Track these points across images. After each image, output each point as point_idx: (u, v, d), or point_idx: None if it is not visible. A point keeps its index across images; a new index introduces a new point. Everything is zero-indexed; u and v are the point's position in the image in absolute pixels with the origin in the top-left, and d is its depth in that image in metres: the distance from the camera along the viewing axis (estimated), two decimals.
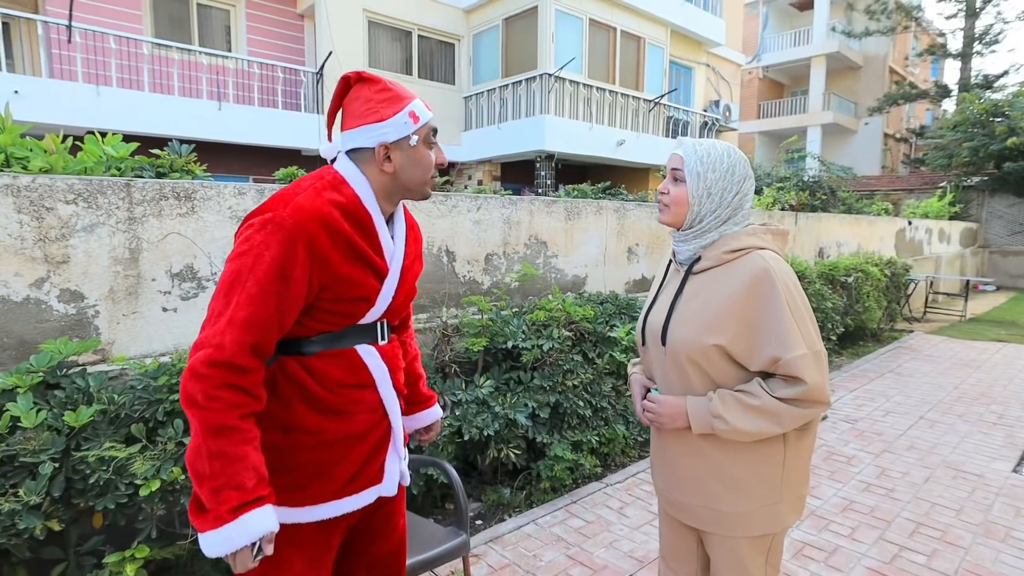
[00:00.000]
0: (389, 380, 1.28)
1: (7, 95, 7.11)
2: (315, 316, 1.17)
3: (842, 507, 2.96)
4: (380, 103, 1.19)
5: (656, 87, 12.16)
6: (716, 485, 1.33)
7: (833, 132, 22.49)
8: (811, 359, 1.21)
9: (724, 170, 1.32)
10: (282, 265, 1.07)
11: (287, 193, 1.14)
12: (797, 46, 22.28)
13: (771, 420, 1.23)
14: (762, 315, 1.23)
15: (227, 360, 1.04)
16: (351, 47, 9.86)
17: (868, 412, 4.49)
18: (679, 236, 1.39)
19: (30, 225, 2.17)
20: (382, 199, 1.23)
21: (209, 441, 1.02)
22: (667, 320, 1.35)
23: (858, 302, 6.57)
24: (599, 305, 3.87)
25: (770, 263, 1.26)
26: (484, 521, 2.83)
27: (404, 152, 1.21)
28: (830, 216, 7.84)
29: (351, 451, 1.24)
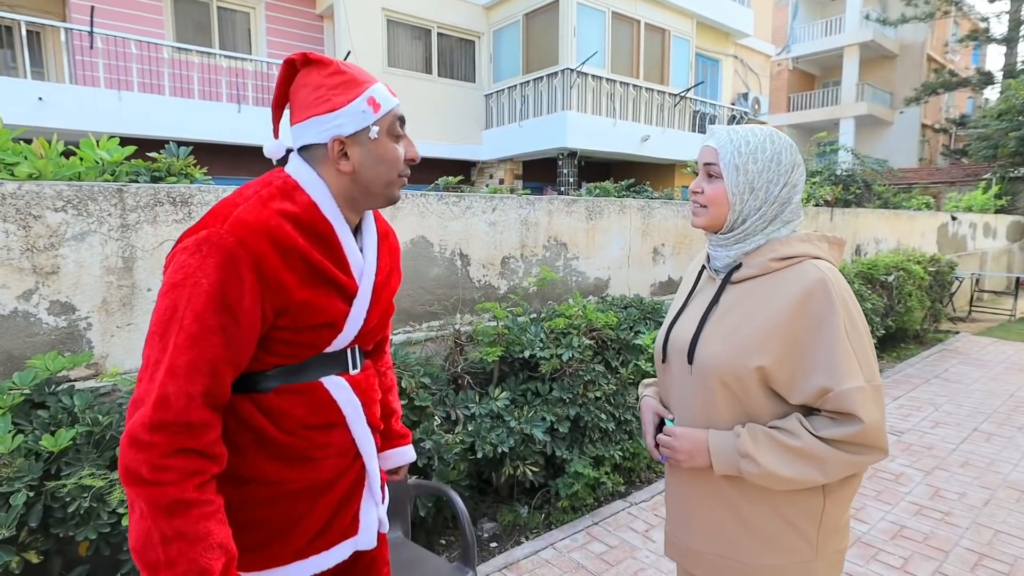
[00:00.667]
0: (363, 416, 1.10)
1: (32, 102, 7.19)
2: (270, 349, 0.97)
3: (892, 533, 2.70)
4: (332, 89, 0.98)
5: (682, 80, 11.82)
6: (739, 533, 1.12)
7: (867, 124, 21.71)
8: (869, 394, 1.00)
9: (768, 159, 1.10)
10: (223, 294, 0.88)
11: (226, 204, 0.94)
12: (829, 35, 21.56)
13: (814, 467, 1.02)
14: (814, 336, 1.02)
15: (174, 419, 0.85)
16: (370, 46, 9.77)
17: (915, 423, 4.18)
18: (717, 240, 1.17)
19: (16, 234, 2.06)
20: (344, 205, 1.03)
21: (161, 522, 0.83)
22: (696, 334, 1.14)
23: (899, 302, 6.20)
24: (623, 310, 3.66)
25: (827, 275, 1.05)
26: (499, 543, 2.65)
27: (364, 147, 1.00)
28: (868, 211, 7.46)
29: (318, 502, 1.05)
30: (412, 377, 2.57)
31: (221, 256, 0.88)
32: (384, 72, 9.99)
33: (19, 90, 7.13)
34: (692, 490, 1.19)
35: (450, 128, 10.93)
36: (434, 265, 3.17)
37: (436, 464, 2.43)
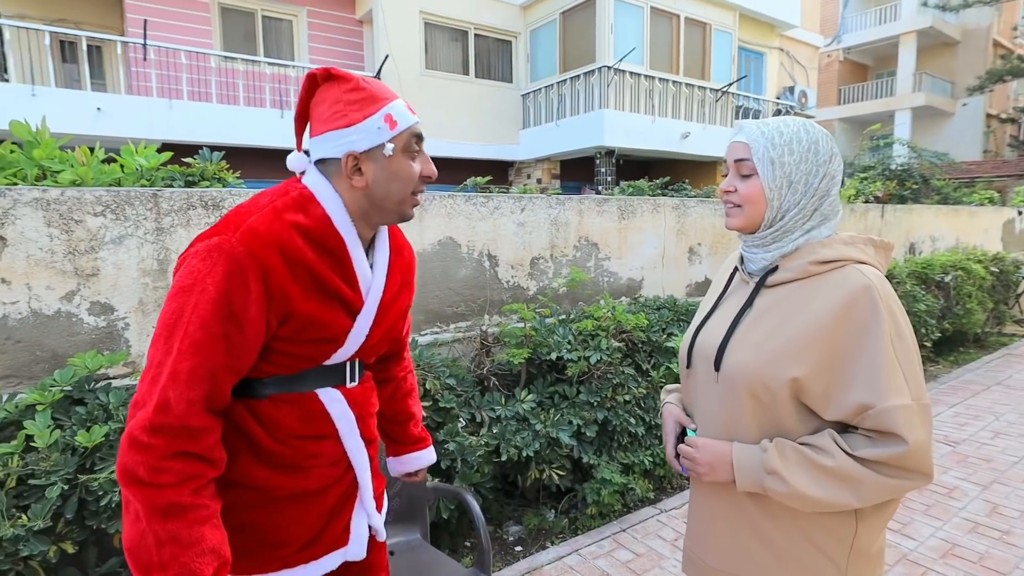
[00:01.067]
0: (356, 429, 1.09)
1: (91, 112, 7.59)
2: (268, 359, 0.97)
3: (942, 551, 2.54)
4: (349, 105, 0.98)
5: (724, 75, 11.51)
6: (761, 553, 1.05)
7: (925, 115, 20.66)
8: (917, 413, 0.92)
9: (804, 149, 1.02)
10: (229, 302, 0.88)
11: (240, 212, 0.95)
12: (883, 24, 20.62)
13: (849, 489, 0.94)
14: (856, 348, 0.94)
15: (174, 423, 0.86)
16: (408, 49, 9.90)
17: (972, 432, 3.92)
18: (753, 241, 1.09)
19: (60, 238, 2.16)
20: (358, 220, 1.02)
21: (156, 524, 0.84)
22: (725, 340, 1.07)
23: (957, 304, 5.86)
24: (655, 311, 3.57)
25: (874, 281, 0.96)
26: (524, 547, 2.62)
27: (378, 164, 0.99)
28: (923, 208, 7.08)
29: (307, 511, 1.05)
30: (437, 379, 2.57)
31: (230, 264, 0.88)
32: (422, 74, 10.10)
33: (80, 101, 7.54)
34: (713, 504, 1.12)
35: (487, 129, 10.96)
36: (462, 266, 3.17)
37: (459, 466, 2.42)
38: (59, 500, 1.72)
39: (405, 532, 1.87)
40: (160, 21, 8.65)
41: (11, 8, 9.04)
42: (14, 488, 1.73)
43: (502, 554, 2.56)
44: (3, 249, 2.08)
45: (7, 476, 1.73)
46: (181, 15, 8.89)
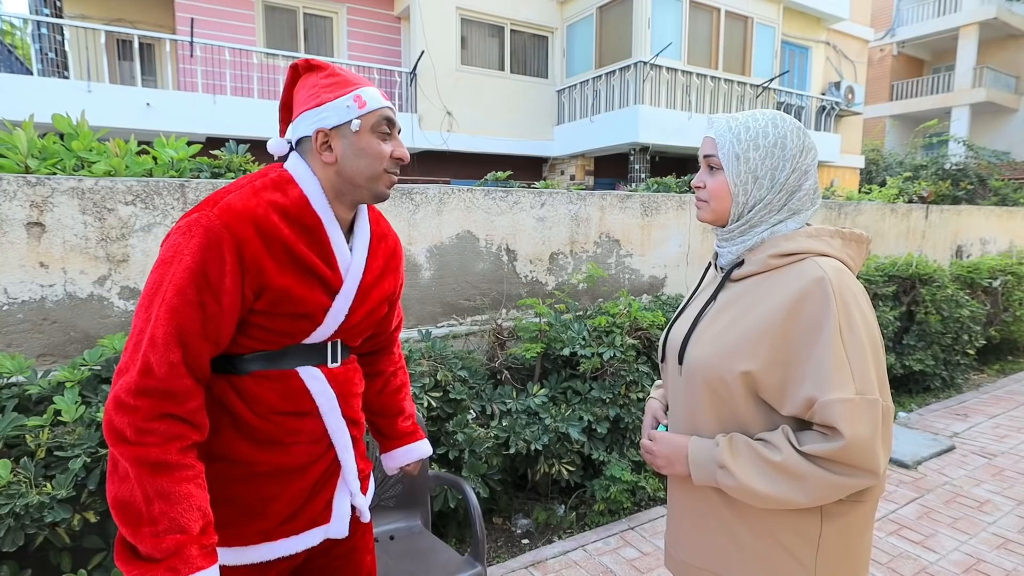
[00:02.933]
0: (337, 408, 1.12)
1: (141, 107, 7.93)
2: (247, 333, 1.02)
3: (966, 566, 2.43)
4: (323, 88, 1.05)
5: (765, 70, 11.19)
6: (730, 550, 1.04)
7: (985, 112, 19.61)
8: (859, 407, 0.89)
9: (770, 144, 1.02)
10: (204, 271, 0.93)
11: (221, 191, 1.01)
12: (942, 16, 19.64)
13: (793, 484, 0.93)
14: (806, 341, 0.93)
15: (157, 385, 0.90)
16: (445, 45, 9.98)
17: (1012, 445, 3.74)
18: (722, 235, 1.11)
19: (93, 225, 2.28)
20: (335, 200, 1.08)
21: (145, 481, 0.88)
22: (689, 334, 1.08)
23: (1006, 310, 5.57)
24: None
25: (828, 273, 0.95)
26: (532, 540, 2.63)
27: (346, 139, 1.04)
28: (973, 209, 6.74)
29: (288, 486, 1.09)
30: (449, 371, 2.60)
31: (206, 237, 0.93)
32: (457, 70, 10.17)
33: (131, 97, 7.88)
34: (685, 499, 1.12)
35: (522, 124, 10.96)
36: (480, 260, 3.19)
37: (467, 457, 2.44)
38: (83, 472, 1.83)
39: (406, 518, 1.91)
40: (207, 19, 8.95)
41: (74, 9, 9.52)
42: (43, 459, 1.84)
43: (508, 546, 2.58)
44: (42, 235, 2.21)
45: (37, 447, 1.84)
46: (227, 13, 9.19)
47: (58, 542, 1.85)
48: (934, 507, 2.92)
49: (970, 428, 4.03)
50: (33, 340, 2.23)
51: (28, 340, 2.22)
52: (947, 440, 3.77)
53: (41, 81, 7.50)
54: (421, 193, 2.99)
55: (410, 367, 2.46)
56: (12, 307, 2.18)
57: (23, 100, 7.17)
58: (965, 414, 4.32)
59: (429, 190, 3.02)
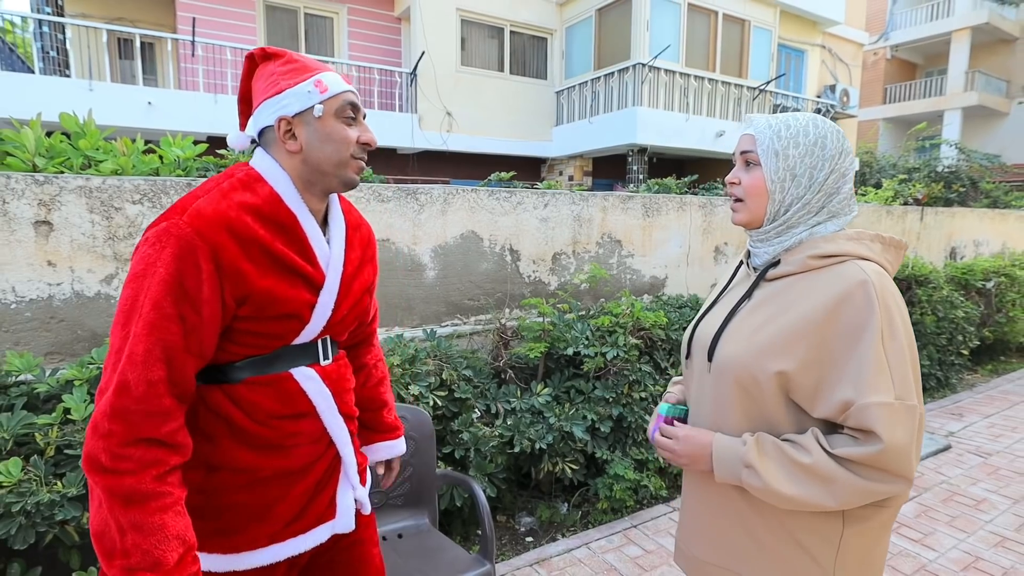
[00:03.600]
0: (334, 406, 1.10)
1: (143, 106, 7.89)
2: (236, 340, 0.98)
3: (963, 564, 2.44)
4: (282, 75, 1.01)
5: (762, 73, 11.21)
6: (747, 548, 1.03)
7: (977, 116, 19.70)
8: (898, 412, 0.88)
9: (811, 143, 1.00)
10: (180, 283, 0.89)
11: (188, 197, 0.96)
12: (934, 20, 19.71)
13: (822, 488, 0.91)
14: (846, 344, 0.91)
15: (134, 407, 0.85)
16: (445, 46, 9.96)
17: (1007, 444, 3.75)
18: (757, 235, 1.08)
19: (101, 224, 2.26)
20: (305, 192, 1.04)
21: (118, 512, 0.83)
22: (720, 331, 1.06)
23: (999, 311, 5.60)
24: (677, 310, 3.53)
25: (871, 277, 0.93)
26: (536, 538, 2.63)
27: (310, 126, 1.00)
28: (967, 211, 6.77)
29: (292, 488, 1.06)
30: (454, 370, 2.59)
31: (178, 247, 0.89)
32: (457, 71, 10.15)
33: (133, 96, 7.83)
34: (702, 495, 1.11)
35: (521, 125, 10.95)
36: (483, 260, 3.19)
37: (473, 456, 2.44)
38: None
39: (414, 516, 1.90)
40: (208, 19, 8.91)
41: (75, 8, 9.46)
42: (52, 457, 1.83)
43: (512, 544, 2.58)
44: (49, 233, 2.20)
45: (47, 445, 1.83)
46: (228, 12, 9.15)
47: (67, 540, 1.83)
48: (932, 505, 2.93)
49: (965, 428, 4.05)
50: (41, 338, 2.21)
51: (36, 338, 2.20)
52: (943, 439, 3.79)
53: (43, 79, 7.45)
54: (426, 193, 2.98)
55: (416, 366, 2.46)
56: (20, 305, 2.17)
57: (25, 98, 7.12)
58: (960, 414, 4.34)
59: (434, 190, 3.01)
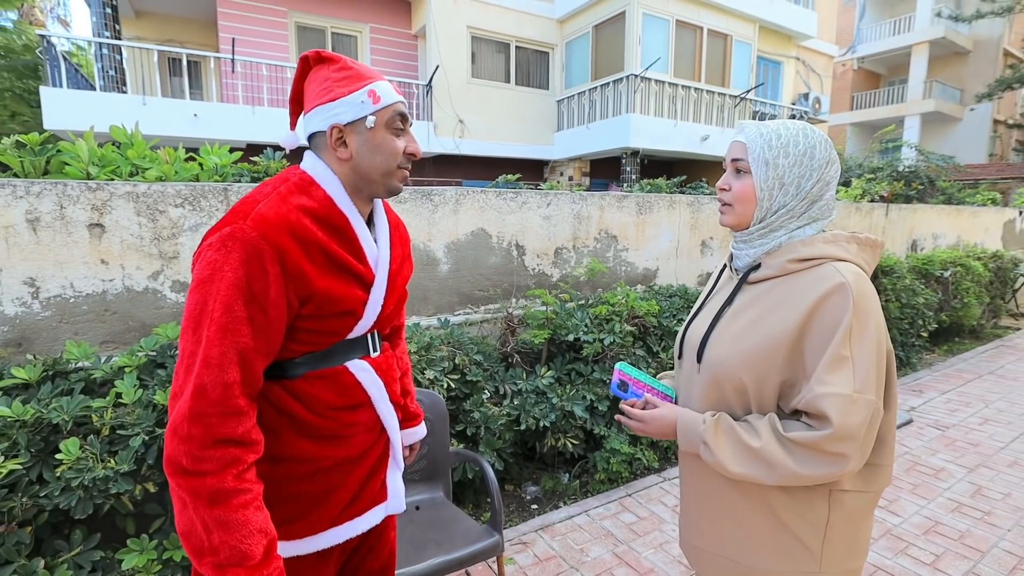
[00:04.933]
0: (386, 395, 1.04)
1: (189, 118, 7.80)
2: (296, 338, 0.92)
3: (925, 528, 2.38)
4: (336, 82, 0.93)
5: (743, 82, 10.96)
6: (738, 534, 0.97)
7: (934, 121, 19.29)
8: (855, 403, 0.82)
9: (800, 153, 0.92)
10: (249, 286, 0.82)
11: (247, 202, 0.88)
12: (897, 35, 19.23)
13: (764, 470, 0.87)
14: (820, 342, 0.85)
15: (211, 409, 0.80)
16: (457, 60, 9.78)
17: (962, 418, 3.67)
18: (741, 237, 1.01)
19: (147, 226, 2.20)
20: (353, 196, 0.97)
21: (203, 512, 0.78)
22: (707, 334, 0.99)
23: (955, 297, 5.47)
24: (668, 299, 3.44)
25: (848, 279, 0.86)
26: (540, 506, 2.58)
27: (361, 135, 0.93)
28: (926, 207, 6.61)
29: (350, 475, 1.01)
30: (466, 355, 2.53)
31: (245, 251, 0.82)
32: (468, 83, 9.98)
33: (181, 109, 7.75)
34: (696, 487, 1.05)
35: (526, 131, 10.79)
36: (492, 255, 3.11)
37: (483, 433, 2.39)
38: (142, 447, 1.77)
39: (430, 490, 1.85)
40: (246, 39, 8.79)
41: (131, 31, 9.35)
42: (107, 436, 1.79)
43: (519, 511, 2.54)
44: (102, 235, 2.14)
45: (102, 426, 1.79)
46: (264, 33, 9.01)
47: (122, 509, 1.80)
48: (896, 475, 2.86)
49: (925, 403, 3.96)
50: (96, 329, 2.17)
51: (92, 329, 2.16)
52: (905, 414, 3.70)
53: (103, 96, 7.38)
54: (439, 195, 2.90)
55: (431, 353, 2.40)
56: (78, 299, 2.12)
57: (88, 113, 7.07)
58: (920, 390, 4.25)
59: (447, 192, 2.93)
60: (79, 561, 1.66)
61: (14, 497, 1.60)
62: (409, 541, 1.59)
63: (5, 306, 2.02)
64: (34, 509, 1.64)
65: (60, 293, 2.09)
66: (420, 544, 1.58)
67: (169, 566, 1.76)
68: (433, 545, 1.57)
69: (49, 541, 1.70)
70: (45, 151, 2.19)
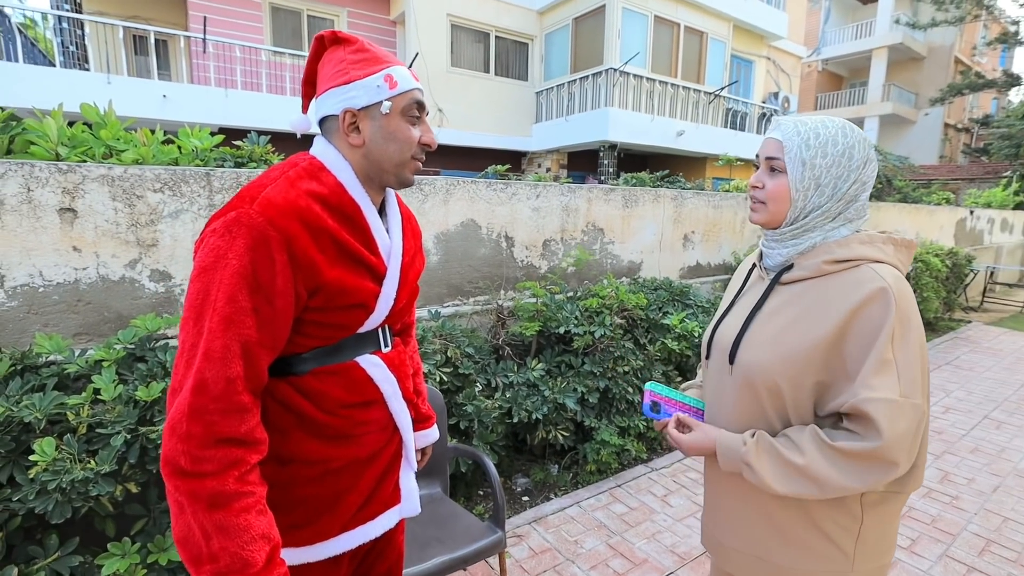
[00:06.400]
0: (399, 392, 0.97)
1: (158, 99, 7.40)
2: (304, 331, 0.85)
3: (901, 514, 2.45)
4: (352, 64, 0.86)
5: (717, 80, 11.08)
6: (770, 535, 0.94)
7: (891, 123, 19.99)
8: (903, 408, 0.79)
9: (838, 153, 0.87)
10: (254, 274, 0.75)
11: (254, 186, 0.81)
12: (859, 39, 19.77)
13: (812, 486, 0.84)
14: (863, 345, 0.82)
15: (212, 405, 0.73)
16: (436, 48, 9.56)
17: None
18: (773, 235, 0.96)
19: (124, 211, 2.05)
20: (365, 184, 0.90)
21: (201, 516, 0.71)
22: (739, 336, 0.95)
23: (916, 291, 5.68)
24: (652, 292, 3.45)
25: (889, 282, 0.82)
26: (531, 498, 2.56)
27: (375, 122, 0.86)
28: (889, 205, 6.84)
29: (361, 477, 0.94)
30: (458, 348, 2.47)
31: (251, 237, 0.75)
32: (447, 71, 9.78)
33: (149, 89, 7.33)
34: (725, 482, 1.01)
35: (504, 122, 10.67)
36: (482, 246, 3.05)
37: (476, 427, 2.34)
38: (123, 447, 1.66)
39: (428, 486, 1.79)
40: (218, 18, 8.36)
41: (93, 6, 8.77)
42: (85, 435, 1.66)
43: (511, 503, 2.50)
44: (74, 220, 1.98)
45: (79, 424, 1.66)
46: (236, 13, 8.59)
47: (102, 511, 1.68)
48: None
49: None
50: (69, 320, 2.01)
51: (64, 320, 2.00)
52: None
53: (64, 73, 6.91)
54: (430, 184, 2.81)
55: (424, 346, 2.32)
56: (48, 288, 1.96)
57: (47, 90, 6.61)
58: None
59: (437, 182, 2.84)
60: (56, 568, 1.54)
61: None
62: (411, 539, 1.53)
63: None
64: (5, 514, 1.51)
65: (28, 282, 1.92)
66: (423, 542, 1.52)
67: (154, 570, 1.65)
68: (436, 543, 1.52)
69: (22, 547, 1.57)
70: (8, 128, 2.01)
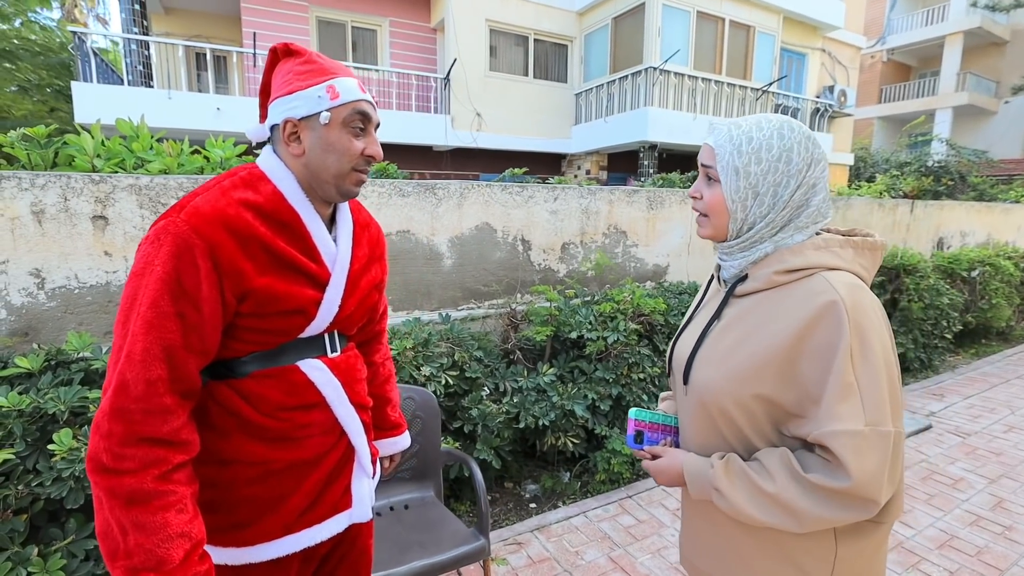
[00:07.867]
0: (344, 396, 0.97)
1: (212, 112, 7.88)
2: (239, 337, 0.86)
3: (939, 542, 2.24)
4: (297, 75, 0.88)
5: (765, 75, 10.59)
6: (737, 562, 0.88)
7: (967, 114, 18.42)
8: (869, 440, 0.71)
9: (774, 158, 0.80)
10: (177, 280, 0.78)
11: (188, 196, 0.84)
12: (929, 25, 18.36)
13: (785, 516, 0.77)
14: (815, 368, 0.74)
15: (133, 406, 0.74)
16: (475, 53, 9.67)
17: (985, 425, 3.47)
18: (723, 248, 0.89)
19: (149, 218, 2.19)
20: (309, 193, 0.91)
21: (118, 512, 0.73)
22: (693, 353, 0.89)
23: (983, 298, 5.20)
24: (676, 296, 3.33)
25: (840, 293, 0.75)
26: (538, 505, 2.52)
27: (315, 132, 0.88)
28: (954, 203, 6.29)
29: (304, 479, 0.94)
30: (466, 351, 2.47)
31: (175, 245, 0.78)
32: (486, 76, 9.87)
33: (205, 103, 7.83)
34: (698, 506, 0.94)
35: (544, 124, 10.65)
36: (497, 249, 3.04)
37: (480, 431, 2.33)
38: None
39: (420, 489, 1.80)
40: (268, 33, 8.81)
41: (159, 27, 9.48)
42: None
43: (517, 509, 2.48)
44: (105, 227, 2.13)
45: None
46: (286, 28, 9.03)
47: None
48: (911, 484, 2.72)
49: (946, 408, 3.77)
50: (100, 320, 2.17)
51: (96, 320, 2.16)
52: (924, 419, 3.53)
53: (130, 90, 7.50)
54: (443, 188, 2.83)
55: (428, 349, 2.34)
56: (82, 290, 2.12)
57: (116, 107, 7.17)
58: (941, 394, 4.05)
59: (451, 185, 2.86)
60: (72, 549, 1.65)
61: (9, 485, 1.60)
62: (393, 542, 1.54)
63: (12, 296, 2.03)
64: (29, 497, 1.64)
65: (65, 284, 2.09)
66: (404, 546, 1.53)
67: None
68: (417, 547, 1.52)
69: (45, 529, 1.70)
70: (52, 144, 2.19)
